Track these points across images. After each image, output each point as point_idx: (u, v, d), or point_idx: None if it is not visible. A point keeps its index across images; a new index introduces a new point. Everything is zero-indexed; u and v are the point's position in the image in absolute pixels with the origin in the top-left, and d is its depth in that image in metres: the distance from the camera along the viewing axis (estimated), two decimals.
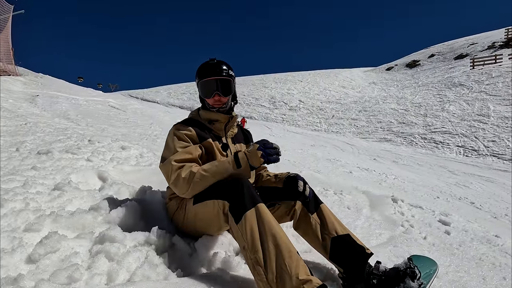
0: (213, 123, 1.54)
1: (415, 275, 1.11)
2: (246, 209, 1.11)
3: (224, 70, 1.50)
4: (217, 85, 1.48)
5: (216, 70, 1.48)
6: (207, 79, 1.48)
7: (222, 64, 1.51)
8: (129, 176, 2.23)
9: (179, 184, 1.28)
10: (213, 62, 1.51)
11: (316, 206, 1.45)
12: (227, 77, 1.49)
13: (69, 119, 5.02)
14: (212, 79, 1.48)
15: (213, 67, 1.49)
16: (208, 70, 1.49)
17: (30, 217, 1.24)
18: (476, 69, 18.70)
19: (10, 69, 12.05)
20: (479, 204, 4.09)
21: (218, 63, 1.51)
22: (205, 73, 1.49)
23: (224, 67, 1.51)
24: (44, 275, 0.95)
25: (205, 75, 1.49)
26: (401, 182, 5.05)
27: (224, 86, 1.50)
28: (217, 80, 1.48)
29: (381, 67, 32.69)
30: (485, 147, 10.05)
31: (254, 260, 1.03)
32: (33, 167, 1.88)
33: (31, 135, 2.87)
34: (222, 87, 1.49)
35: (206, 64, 1.52)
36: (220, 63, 1.52)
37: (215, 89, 1.48)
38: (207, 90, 1.50)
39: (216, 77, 1.47)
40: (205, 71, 1.50)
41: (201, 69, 1.52)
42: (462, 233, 2.31)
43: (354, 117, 16.64)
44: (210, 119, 1.54)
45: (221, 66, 1.50)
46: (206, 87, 1.50)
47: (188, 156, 1.34)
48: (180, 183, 1.28)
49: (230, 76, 1.51)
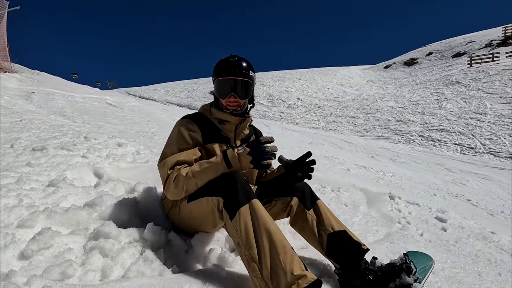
0: (223, 123, 1.44)
1: (410, 270, 1.11)
2: (240, 205, 1.10)
3: (244, 70, 1.37)
4: (234, 86, 1.37)
5: (235, 69, 1.36)
6: (224, 78, 1.37)
7: (243, 62, 1.39)
8: (125, 173, 2.21)
9: (170, 190, 1.27)
10: (233, 59, 1.38)
11: (313, 202, 1.44)
12: (246, 79, 1.38)
13: (65, 116, 4.98)
14: (230, 79, 1.37)
15: (232, 66, 1.37)
16: (226, 68, 1.37)
17: (24, 213, 1.23)
18: (474, 67, 18.76)
19: (6, 66, 11.94)
20: (475, 202, 4.11)
21: (238, 61, 1.38)
22: (223, 71, 1.37)
23: (245, 65, 1.38)
24: (36, 271, 0.94)
25: (223, 73, 1.37)
26: (399, 179, 5.06)
27: (241, 88, 1.38)
28: (235, 80, 1.37)
29: (379, 65, 32.71)
30: (482, 145, 10.10)
31: (248, 256, 1.03)
32: (27, 164, 1.86)
33: (26, 132, 2.84)
34: (240, 89, 1.38)
35: (225, 61, 1.39)
36: (241, 61, 1.39)
37: (231, 90, 1.37)
38: (222, 89, 1.39)
39: (234, 77, 1.36)
40: (223, 69, 1.38)
41: (219, 66, 1.40)
42: (459, 229, 2.32)
43: (352, 115, 16.66)
44: (220, 119, 1.44)
45: (242, 65, 1.38)
46: (222, 86, 1.39)
47: (182, 159, 1.29)
48: (171, 189, 1.27)
49: (250, 77, 1.40)
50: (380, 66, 31.80)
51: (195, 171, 1.23)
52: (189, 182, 1.22)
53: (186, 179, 1.22)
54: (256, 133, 1.66)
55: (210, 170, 1.22)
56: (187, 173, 1.23)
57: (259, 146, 1.18)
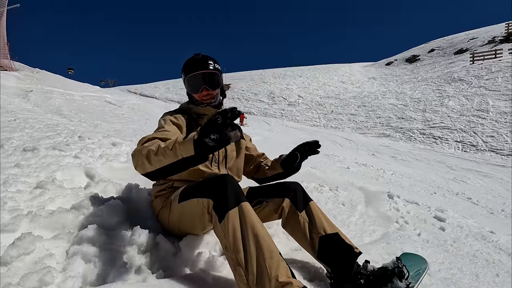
0: (201, 117, 1.51)
1: (403, 274, 1.08)
2: (229, 207, 1.07)
3: (210, 63, 1.47)
4: (204, 79, 1.45)
5: (202, 64, 1.45)
6: (193, 73, 1.45)
7: (207, 58, 1.49)
8: (118, 174, 2.18)
9: (135, 154, 1.15)
10: (198, 56, 1.49)
11: (305, 204, 1.41)
12: (214, 70, 1.47)
13: (61, 115, 4.96)
14: (199, 73, 1.45)
15: (198, 62, 1.47)
16: (194, 65, 1.46)
17: (6, 217, 1.19)
18: (476, 64, 18.60)
19: (5, 64, 11.94)
20: (476, 200, 4.06)
21: (203, 57, 1.48)
22: (191, 68, 1.46)
23: (210, 61, 1.48)
24: (13, 279, 0.90)
25: (192, 70, 1.46)
26: (399, 177, 5.01)
27: (211, 80, 1.47)
28: (204, 73, 1.45)
29: (380, 62, 32.54)
30: (484, 142, 10.02)
31: (235, 261, 1.00)
32: (16, 165, 1.83)
33: (19, 132, 2.81)
34: (210, 81, 1.46)
35: (191, 59, 1.49)
36: (205, 57, 1.49)
37: (202, 83, 1.45)
38: (194, 84, 1.47)
39: (202, 70, 1.45)
40: (191, 66, 1.47)
41: (187, 65, 1.49)
42: (457, 229, 2.28)
43: (353, 113, 16.59)
44: (198, 113, 1.51)
45: (207, 60, 1.47)
46: (193, 81, 1.47)
47: (164, 136, 1.24)
48: (136, 154, 1.15)
49: (217, 69, 1.49)
50: (382, 63, 31.63)
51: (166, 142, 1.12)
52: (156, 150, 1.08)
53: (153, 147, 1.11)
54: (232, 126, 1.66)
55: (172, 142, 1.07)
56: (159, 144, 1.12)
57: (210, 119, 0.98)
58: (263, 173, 1.69)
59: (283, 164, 1.58)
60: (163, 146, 1.09)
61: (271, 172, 1.65)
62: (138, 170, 1.17)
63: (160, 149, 1.08)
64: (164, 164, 1.08)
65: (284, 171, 1.59)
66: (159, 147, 1.09)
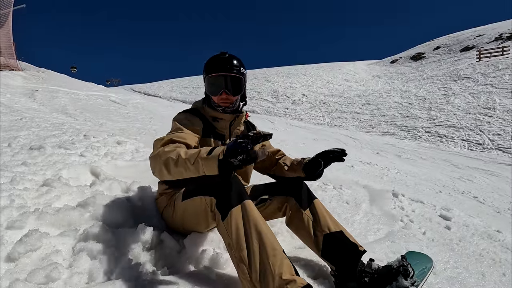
0: (217, 121, 1.44)
1: (408, 273, 1.07)
2: (232, 205, 1.07)
3: (235, 66, 1.36)
4: (226, 83, 1.36)
5: (226, 66, 1.35)
6: (215, 74, 1.36)
7: (233, 59, 1.38)
8: (123, 172, 2.20)
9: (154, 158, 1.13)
10: (224, 56, 1.38)
11: (309, 202, 1.40)
12: (237, 75, 1.37)
13: (67, 114, 5.00)
14: (221, 75, 1.36)
15: (223, 62, 1.36)
16: (217, 65, 1.36)
17: (14, 214, 1.21)
18: (483, 61, 18.36)
19: (12, 63, 12.07)
20: (482, 199, 4.02)
21: (229, 58, 1.38)
22: (214, 68, 1.37)
23: (236, 63, 1.37)
24: (21, 274, 0.92)
25: (214, 70, 1.36)
26: (403, 176, 4.98)
27: (233, 84, 1.38)
28: (226, 76, 1.36)
29: (385, 60, 32.29)
30: (490, 140, 9.90)
31: (238, 258, 1.00)
32: (23, 163, 1.85)
33: (25, 130, 2.84)
34: (231, 85, 1.37)
35: (216, 58, 1.39)
36: (232, 58, 1.38)
37: (223, 87, 1.37)
38: (214, 86, 1.39)
39: (225, 73, 1.35)
40: (214, 66, 1.37)
41: (210, 63, 1.39)
42: (463, 228, 2.26)
43: (357, 111, 16.49)
44: (214, 117, 1.43)
45: (233, 61, 1.37)
46: (214, 83, 1.39)
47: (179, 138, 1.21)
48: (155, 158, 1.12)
49: (241, 74, 1.39)
50: (386, 61, 31.38)
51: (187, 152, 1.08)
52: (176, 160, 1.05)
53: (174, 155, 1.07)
54: (250, 129, 1.64)
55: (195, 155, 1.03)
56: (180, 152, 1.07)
57: (238, 141, 0.95)
58: (280, 172, 1.57)
59: (306, 169, 1.44)
60: (184, 157, 1.03)
61: (291, 173, 1.52)
62: (155, 175, 1.15)
63: (181, 160, 1.04)
64: (183, 177, 1.06)
65: (306, 175, 1.45)
66: (179, 158, 1.04)
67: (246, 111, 5.52)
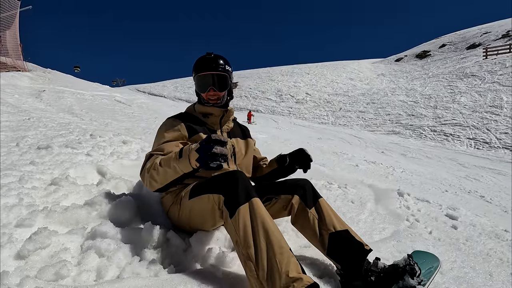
0: (207, 117, 1.55)
1: (414, 272, 1.07)
2: (240, 203, 1.08)
3: (221, 65, 1.49)
4: (213, 80, 1.49)
5: (212, 64, 1.48)
6: (203, 73, 1.49)
7: (218, 58, 1.51)
8: (128, 171, 2.22)
9: (142, 175, 1.34)
10: (210, 56, 1.51)
11: (315, 201, 1.41)
12: (223, 72, 1.50)
13: (73, 114, 5.05)
14: (208, 73, 1.48)
15: (209, 62, 1.49)
16: (204, 65, 1.49)
17: (23, 213, 1.23)
18: (489, 59, 18.14)
19: (19, 64, 12.21)
20: (489, 198, 3.98)
21: (214, 58, 1.51)
22: (201, 68, 1.50)
23: (221, 61, 1.50)
24: (31, 271, 0.93)
25: (201, 70, 1.49)
26: (409, 175, 4.95)
27: (219, 81, 1.50)
28: (213, 75, 1.49)
29: (390, 58, 32.05)
30: (497, 139, 9.78)
31: (246, 256, 1.01)
32: (31, 162, 1.88)
33: (33, 130, 2.88)
34: (218, 82, 1.50)
35: (202, 59, 1.52)
36: (217, 57, 1.51)
37: (210, 84, 1.49)
38: (202, 84, 1.51)
39: (211, 72, 1.48)
40: (201, 66, 1.50)
41: (197, 64, 1.52)
42: (470, 227, 2.24)
43: (362, 110, 16.41)
44: (204, 112, 1.56)
45: (218, 60, 1.50)
46: (202, 81, 1.51)
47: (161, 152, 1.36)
48: (143, 174, 1.33)
49: (226, 71, 1.51)
50: (391, 59, 31.15)
51: (162, 159, 1.27)
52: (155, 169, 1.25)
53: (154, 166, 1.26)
54: (241, 127, 1.73)
55: (170, 160, 1.23)
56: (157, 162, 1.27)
57: (208, 143, 1.09)
58: (260, 172, 1.74)
59: (278, 161, 1.63)
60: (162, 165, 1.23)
61: (267, 169, 1.70)
62: (149, 189, 1.33)
63: (160, 168, 1.23)
64: (169, 180, 1.24)
65: (278, 166, 1.64)
66: (158, 167, 1.24)
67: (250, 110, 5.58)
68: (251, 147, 1.67)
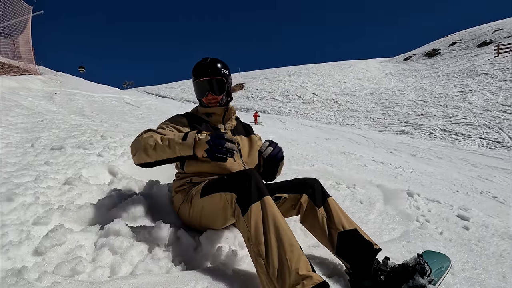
0: (210, 116, 1.60)
1: (424, 271, 1.06)
2: (252, 201, 1.10)
3: (217, 69, 1.53)
4: (210, 85, 1.53)
5: (208, 70, 1.52)
6: (200, 80, 1.53)
7: (215, 63, 1.54)
8: (139, 171, 2.24)
9: (134, 144, 1.37)
10: (205, 62, 1.54)
11: (323, 200, 1.41)
12: (219, 77, 1.53)
13: (84, 116, 5.16)
14: (205, 79, 1.52)
15: (205, 67, 1.53)
16: (200, 71, 1.53)
17: (39, 211, 1.27)
18: (501, 56, 17.75)
19: (31, 68, 12.51)
20: (502, 198, 3.90)
21: (211, 63, 1.53)
22: (198, 74, 1.54)
23: (218, 65, 1.53)
24: (48, 267, 0.96)
25: (198, 76, 1.53)
26: (419, 175, 4.88)
27: (216, 86, 1.54)
28: (210, 80, 1.52)
29: (398, 57, 31.65)
30: (510, 138, 9.56)
31: (256, 253, 1.02)
32: (45, 162, 1.93)
33: (46, 131, 2.96)
34: (215, 87, 1.54)
35: (199, 65, 1.55)
36: (213, 62, 1.54)
37: (208, 89, 1.54)
38: (200, 90, 1.56)
39: (208, 77, 1.52)
40: (198, 72, 1.54)
41: (195, 70, 1.56)
42: (482, 228, 2.20)
43: (370, 110, 16.25)
44: (207, 112, 1.60)
45: (214, 65, 1.53)
46: (200, 87, 1.56)
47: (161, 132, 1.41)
48: (135, 143, 1.37)
49: (223, 75, 1.54)
50: (400, 58, 30.77)
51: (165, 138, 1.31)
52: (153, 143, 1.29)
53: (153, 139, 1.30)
54: (244, 125, 1.75)
55: (172, 140, 1.28)
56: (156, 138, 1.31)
57: (220, 139, 1.20)
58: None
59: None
60: (161, 142, 1.28)
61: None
62: (134, 159, 1.38)
63: (159, 144, 1.28)
64: (161, 158, 1.31)
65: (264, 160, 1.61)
66: (157, 143, 1.29)
67: (256, 111, 5.59)
68: (255, 143, 1.68)
